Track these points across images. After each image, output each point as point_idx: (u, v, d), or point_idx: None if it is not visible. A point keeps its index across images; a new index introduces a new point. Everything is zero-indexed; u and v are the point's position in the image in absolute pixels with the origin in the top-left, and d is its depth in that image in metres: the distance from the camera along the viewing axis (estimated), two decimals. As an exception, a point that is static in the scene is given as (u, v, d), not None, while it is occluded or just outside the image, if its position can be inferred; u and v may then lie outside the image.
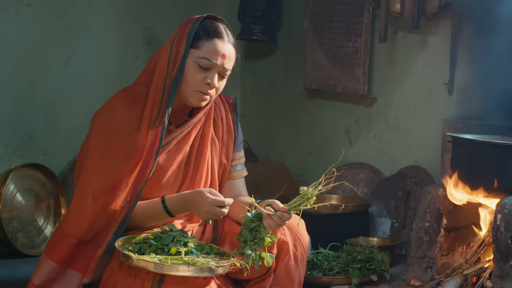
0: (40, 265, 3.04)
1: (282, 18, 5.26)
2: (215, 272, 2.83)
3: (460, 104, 4.40)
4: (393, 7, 4.53)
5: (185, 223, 3.12)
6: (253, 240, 2.89)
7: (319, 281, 3.87)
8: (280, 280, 3.07)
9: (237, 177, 3.25)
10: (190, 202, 2.97)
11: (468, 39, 4.35)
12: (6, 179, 4.32)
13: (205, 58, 2.99)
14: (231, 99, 3.27)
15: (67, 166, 4.66)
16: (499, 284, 3.58)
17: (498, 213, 3.60)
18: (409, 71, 4.70)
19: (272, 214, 2.89)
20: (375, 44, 4.78)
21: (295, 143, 5.25)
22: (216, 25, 3.05)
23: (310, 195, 2.88)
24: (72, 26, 4.67)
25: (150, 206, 3.03)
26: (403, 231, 4.44)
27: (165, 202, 3.01)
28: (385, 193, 4.69)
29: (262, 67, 5.39)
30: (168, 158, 3.07)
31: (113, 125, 3.00)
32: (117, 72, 4.83)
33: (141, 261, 2.82)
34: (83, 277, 2.97)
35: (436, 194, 3.93)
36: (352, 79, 4.83)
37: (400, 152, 4.77)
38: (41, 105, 4.58)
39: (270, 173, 4.95)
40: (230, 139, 3.23)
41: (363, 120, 4.92)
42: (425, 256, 3.91)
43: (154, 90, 3.01)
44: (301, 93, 5.19)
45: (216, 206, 2.93)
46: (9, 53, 4.44)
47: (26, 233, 4.39)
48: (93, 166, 2.99)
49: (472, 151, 3.75)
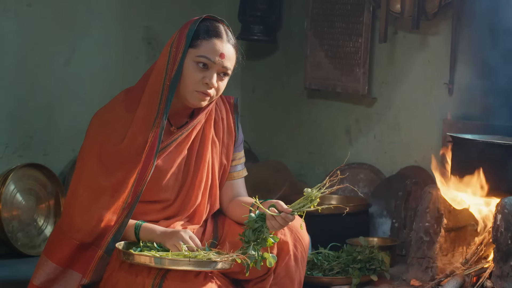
0: (40, 266, 3.04)
1: (282, 18, 5.26)
2: (216, 265, 2.82)
3: (460, 104, 4.40)
4: (393, 7, 4.53)
5: (185, 224, 3.12)
6: (256, 240, 2.89)
7: (319, 281, 3.87)
8: (280, 280, 3.07)
9: (237, 178, 3.25)
10: (164, 239, 2.95)
11: (468, 39, 4.35)
12: (6, 179, 4.32)
13: (203, 56, 2.99)
14: (232, 99, 3.26)
15: (67, 166, 4.66)
16: (499, 284, 3.58)
17: (498, 213, 3.60)
18: (409, 71, 4.70)
19: (276, 215, 2.90)
20: (375, 44, 4.78)
21: (295, 143, 5.25)
22: (216, 26, 3.05)
23: (314, 197, 2.88)
24: (72, 26, 4.67)
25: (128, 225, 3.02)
26: (403, 231, 4.44)
27: (139, 227, 3.00)
28: (385, 193, 4.69)
29: (262, 67, 5.39)
30: (168, 160, 3.06)
31: (110, 129, 3.01)
32: (117, 72, 4.83)
33: (142, 257, 2.83)
34: (82, 278, 2.98)
35: (436, 194, 3.93)
36: (352, 79, 4.83)
37: (400, 152, 4.77)
38: (41, 105, 4.58)
39: (270, 173, 4.95)
40: (230, 140, 3.23)
41: (363, 120, 4.92)
42: (425, 256, 3.91)
43: (150, 91, 3.00)
44: (301, 93, 5.19)
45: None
46: (9, 53, 4.44)
47: (26, 233, 4.39)
48: (93, 166, 2.99)
49: (472, 151, 3.75)
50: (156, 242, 2.95)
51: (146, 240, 2.98)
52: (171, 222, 3.09)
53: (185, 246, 2.89)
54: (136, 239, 3.00)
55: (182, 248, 2.88)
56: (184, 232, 2.93)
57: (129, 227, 3.00)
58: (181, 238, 2.91)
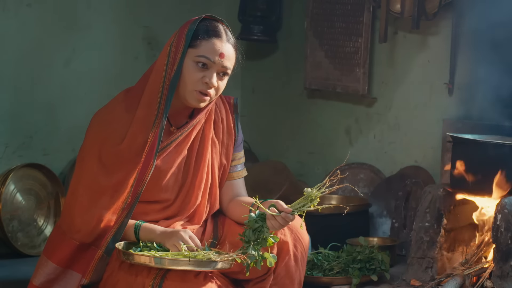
0: (40, 266, 3.04)
1: (282, 18, 5.26)
2: (216, 265, 2.82)
3: (460, 104, 4.40)
4: (393, 7, 4.53)
5: (185, 224, 3.12)
6: (256, 240, 2.89)
7: (319, 281, 3.87)
8: (280, 280, 3.07)
9: (236, 178, 3.25)
10: (164, 239, 2.95)
11: (468, 39, 4.35)
12: (6, 179, 4.32)
13: (203, 56, 2.98)
14: (232, 99, 3.26)
15: (67, 166, 4.66)
16: (499, 284, 3.58)
17: (498, 213, 3.60)
18: (409, 71, 4.70)
19: (276, 215, 2.90)
20: (375, 44, 4.78)
21: (295, 143, 5.25)
22: (215, 25, 3.04)
23: (314, 196, 2.88)
24: (72, 26, 4.67)
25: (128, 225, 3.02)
26: (403, 231, 4.44)
27: (138, 227, 3.00)
28: (385, 193, 4.69)
29: (262, 67, 5.39)
30: (168, 160, 3.06)
31: (110, 129, 3.01)
32: (117, 72, 4.83)
33: (142, 256, 2.83)
34: (82, 278, 2.98)
35: (436, 194, 3.93)
36: (352, 79, 4.83)
37: (400, 152, 4.77)
38: (41, 105, 4.58)
39: (270, 173, 4.95)
40: (230, 140, 3.22)
41: (363, 120, 4.92)
42: (425, 256, 3.91)
43: (149, 91, 3.00)
44: (301, 93, 5.18)
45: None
46: (9, 53, 4.44)
47: (26, 233, 4.39)
48: (93, 167, 3.00)
49: (472, 151, 3.75)
50: (156, 242, 2.95)
51: (146, 240, 2.98)
52: (171, 222, 3.09)
53: (185, 246, 2.89)
54: (136, 239, 3.00)
55: (182, 248, 2.88)
56: (184, 232, 2.93)
57: (129, 227, 3.00)
58: (181, 238, 2.91)
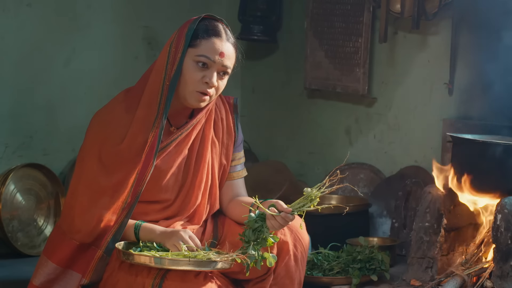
0: (40, 266, 3.04)
1: (282, 18, 5.26)
2: (216, 265, 2.82)
3: (460, 104, 4.40)
4: (393, 7, 4.53)
5: (185, 224, 3.12)
6: (256, 240, 2.89)
7: (319, 281, 3.86)
8: (280, 280, 3.07)
9: (236, 178, 3.25)
10: (164, 239, 2.95)
11: (468, 39, 4.35)
12: (6, 179, 4.32)
13: (203, 55, 2.98)
14: (232, 99, 3.26)
15: (67, 166, 4.66)
16: (499, 284, 3.58)
17: (498, 213, 3.60)
18: (409, 71, 4.70)
19: (276, 215, 2.90)
20: (375, 44, 4.78)
21: (295, 143, 5.25)
22: (215, 25, 3.04)
23: (314, 196, 2.88)
24: (72, 25, 4.67)
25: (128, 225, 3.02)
26: (403, 231, 4.44)
27: (138, 227, 3.00)
28: (385, 193, 4.69)
29: (262, 67, 5.39)
30: (167, 160, 3.06)
31: (110, 129, 3.01)
32: (117, 72, 4.83)
33: (142, 256, 2.83)
34: (82, 278, 2.98)
35: (436, 194, 3.92)
36: (352, 79, 4.83)
37: (400, 152, 4.77)
38: (41, 105, 4.58)
39: (270, 173, 4.95)
40: (230, 140, 3.22)
41: (363, 120, 4.92)
42: (425, 256, 3.91)
43: (149, 91, 3.00)
44: (301, 93, 5.18)
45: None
46: (9, 53, 4.44)
47: (26, 233, 4.38)
48: (92, 167, 3.00)
49: (472, 151, 3.75)
50: (156, 242, 2.95)
51: (146, 240, 2.98)
52: (171, 222, 3.09)
53: (185, 246, 2.89)
54: (136, 239, 3.00)
55: (182, 248, 2.88)
56: (183, 232, 2.93)
57: (129, 227, 3.00)
58: (181, 238, 2.91)
